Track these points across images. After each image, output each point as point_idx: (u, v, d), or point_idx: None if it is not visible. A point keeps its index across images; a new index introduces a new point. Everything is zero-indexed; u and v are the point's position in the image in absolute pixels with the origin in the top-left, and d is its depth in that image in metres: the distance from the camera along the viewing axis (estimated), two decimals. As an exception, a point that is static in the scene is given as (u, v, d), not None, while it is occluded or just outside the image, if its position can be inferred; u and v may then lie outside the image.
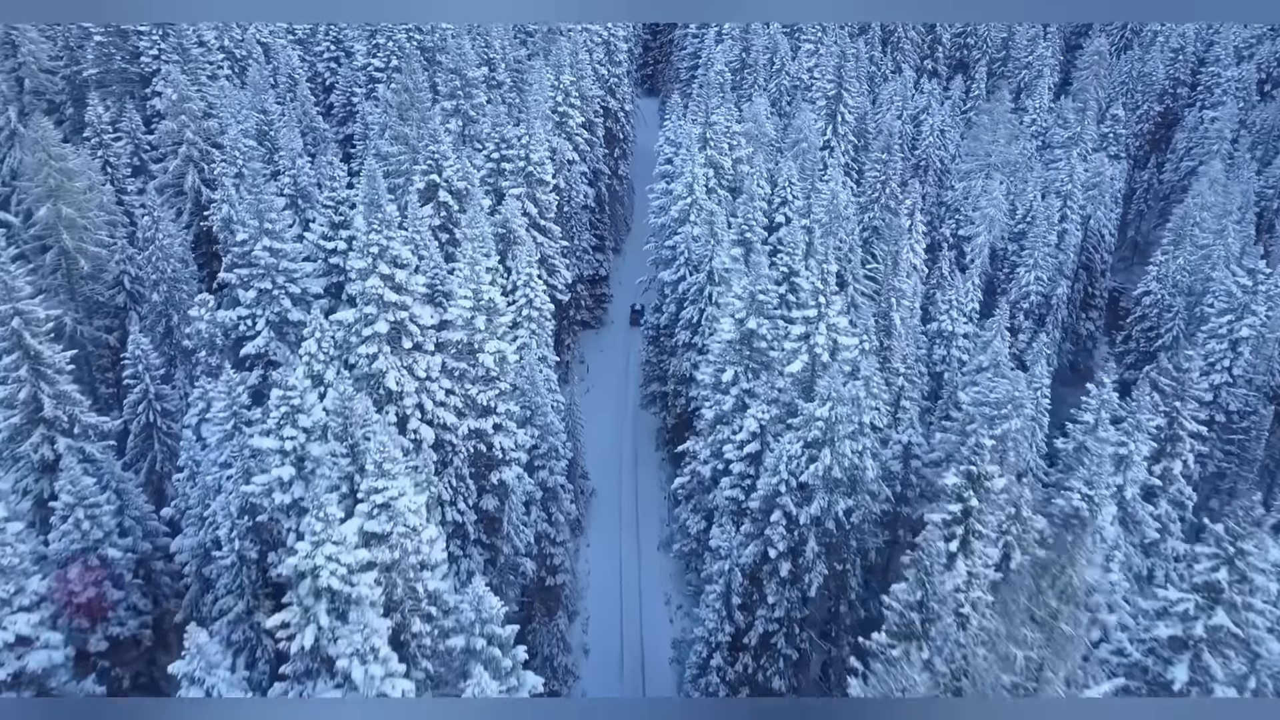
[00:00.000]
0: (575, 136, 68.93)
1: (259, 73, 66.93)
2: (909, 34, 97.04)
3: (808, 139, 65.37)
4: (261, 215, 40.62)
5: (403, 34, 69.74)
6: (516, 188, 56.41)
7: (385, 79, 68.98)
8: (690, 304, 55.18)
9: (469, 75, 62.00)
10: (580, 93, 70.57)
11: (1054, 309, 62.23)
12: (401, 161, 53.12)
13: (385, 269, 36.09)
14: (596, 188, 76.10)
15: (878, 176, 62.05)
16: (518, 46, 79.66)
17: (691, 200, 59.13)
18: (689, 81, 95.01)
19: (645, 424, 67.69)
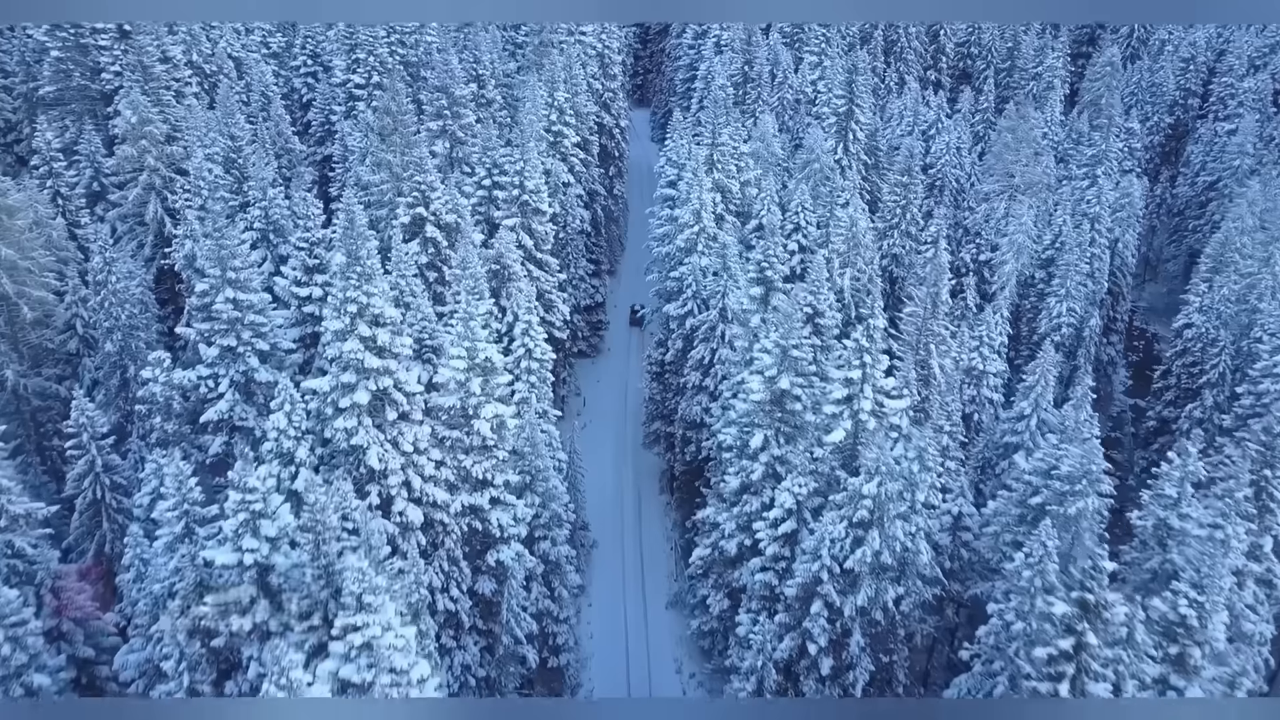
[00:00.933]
0: (570, 157, 63.57)
1: (229, 90, 61.12)
2: (912, 44, 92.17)
3: (819, 159, 60.22)
4: (224, 263, 35.03)
5: (384, 48, 64.12)
6: (510, 218, 51.01)
7: (366, 96, 63.35)
8: (701, 343, 49.91)
9: (456, 93, 56.51)
10: (575, 109, 65.21)
11: (1085, 342, 57.36)
12: (384, 191, 47.59)
13: (365, 330, 30.63)
14: (592, 209, 70.74)
15: (898, 200, 56.98)
16: (506, 59, 74.26)
17: (699, 228, 53.88)
18: (685, 94, 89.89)
19: (647, 463, 62.39)
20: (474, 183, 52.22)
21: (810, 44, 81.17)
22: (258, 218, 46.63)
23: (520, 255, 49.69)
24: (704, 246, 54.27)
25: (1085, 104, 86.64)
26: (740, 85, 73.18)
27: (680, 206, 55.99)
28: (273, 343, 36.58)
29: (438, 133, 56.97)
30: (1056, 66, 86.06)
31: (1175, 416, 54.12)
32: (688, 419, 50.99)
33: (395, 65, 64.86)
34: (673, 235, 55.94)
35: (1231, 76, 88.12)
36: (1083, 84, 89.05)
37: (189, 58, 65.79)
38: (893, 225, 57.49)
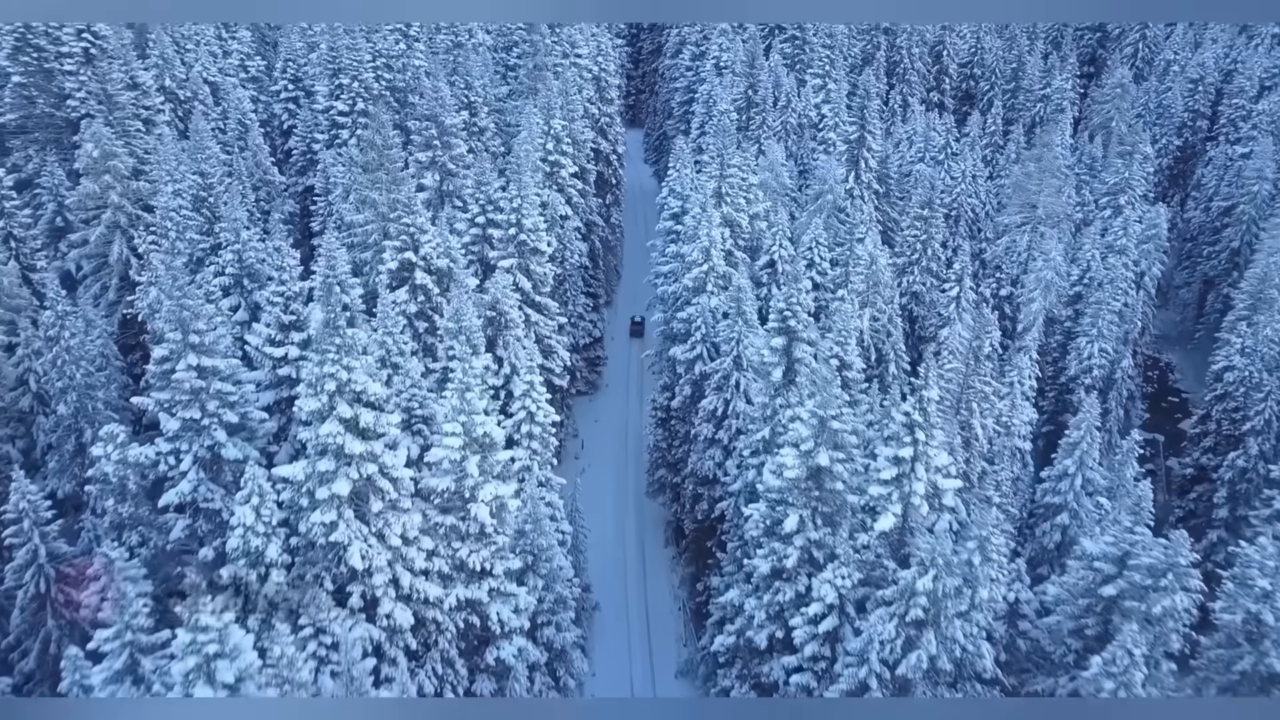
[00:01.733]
0: (568, 188, 59.22)
1: (203, 118, 56.51)
2: (915, 65, 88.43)
3: (832, 190, 56.15)
4: (186, 325, 30.40)
5: (370, 73, 59.63)
6: (507, 258, 46.58)
7: (350, 124, 58.86)
8: (714, 392, 45.53)
9: (446, 122, 52.09)
10: (572, 136, 60.89)
11: (1117, 384, 53.39)
12: (369, 232, 43.07)
13: (345, 410, 26.11)
14: (589, 241, 66.43)
15: (917, 235, 52.89)
16: (498, 83, 69.91)
17: (708, 267, 49.60)
18: (683, 117, 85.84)
19: (651, 512, 57.91)
20: (467, 220, 47.79)
21: (814, 66, 77.19)
22: (230, 262, 42.03)
23: (517, 299, 45.25)
24: (714, 286, 50.02)
25: (1095, 126, 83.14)
26: (743, 110, 69.07)
27: (687, 243, 51.73)
28: (242, 413, 31.94)
29: (427, 164, 52.54)
30: (1065, 88, 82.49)
31: (1215, 465, 50.16)
32: (699, 474, 46.59)
33: (381, 91, 60.46)
34: (679, 274, 51.65)
35: (1242, 98, 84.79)
36: (1091, 106, 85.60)
37: (161, 83, 61.17)
38: (912, 261, 53.41)
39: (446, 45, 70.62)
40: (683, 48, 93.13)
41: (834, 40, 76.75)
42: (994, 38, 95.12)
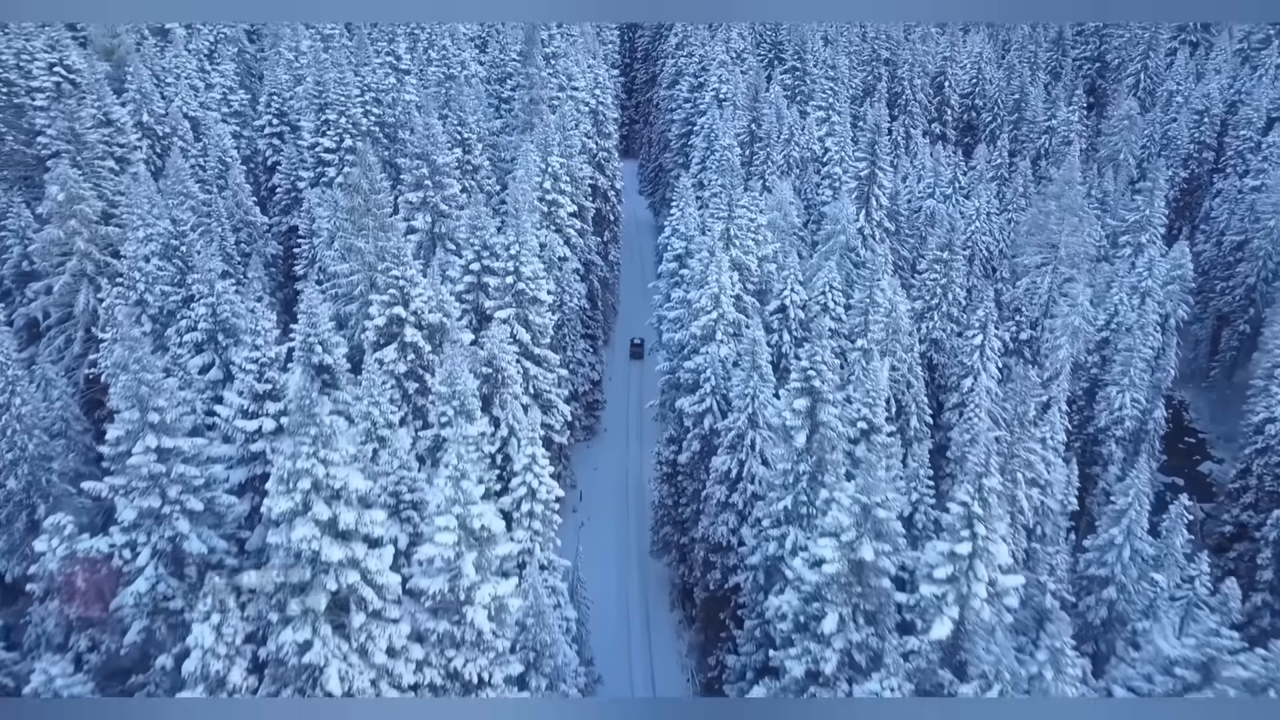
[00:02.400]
0: (566, 228, 55.59)
1: (181, 157, 52.73)
2: (917, 96, 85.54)
3: (845, 230, 52.72)
4: (145, 402, 26.45)
5: (358, 108, 55.96)
6: (504, 308, 42.79)
7: (337, 161, 55.13)
8: (727, 452, 41.71)
9: (438, 161, 48.47)
10: (570, 174, 57.34)
11: (1149, 435, 49.91)
12: (354, 284, 39.26)
13: (322, 511, 22.18)
14: (588, 281, 62.74)
15: (937, 278, 49.41)
16: (491, 116, 66.46)
17: (718, 315, 45.92)
18: (682, 150, 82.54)
19: (655, 572, 53.93)
20: (461, 266, 44.03)
21: (816, 97, 74.08)
22: (203, 316, 38.07)
23: (515, 352, 41.45)
24: (724, 334, 46.35)
25: (1103, 159, 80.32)
26: (746, 144, 65.75)
27: (694, 288, 48.07)
28: (209, 498, 27.95)
29: (418, 205, 48.89)
30: (1073, 120, 79.60)
31: (1258, 523, 46.60)
32: (711, 540, 42.67)
33: (370, 128, 56.81)
34: (686, 321, 47.96)
35: (1250, 130, 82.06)
36: (1098, 138, 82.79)
37: (138, 119, 57.33)
38: (931, 306, 49.91)
39: (438, 78, 67.21)
40: (679, 78, 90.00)
41: (836, 72, 73.67)
42: (994, 68, 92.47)
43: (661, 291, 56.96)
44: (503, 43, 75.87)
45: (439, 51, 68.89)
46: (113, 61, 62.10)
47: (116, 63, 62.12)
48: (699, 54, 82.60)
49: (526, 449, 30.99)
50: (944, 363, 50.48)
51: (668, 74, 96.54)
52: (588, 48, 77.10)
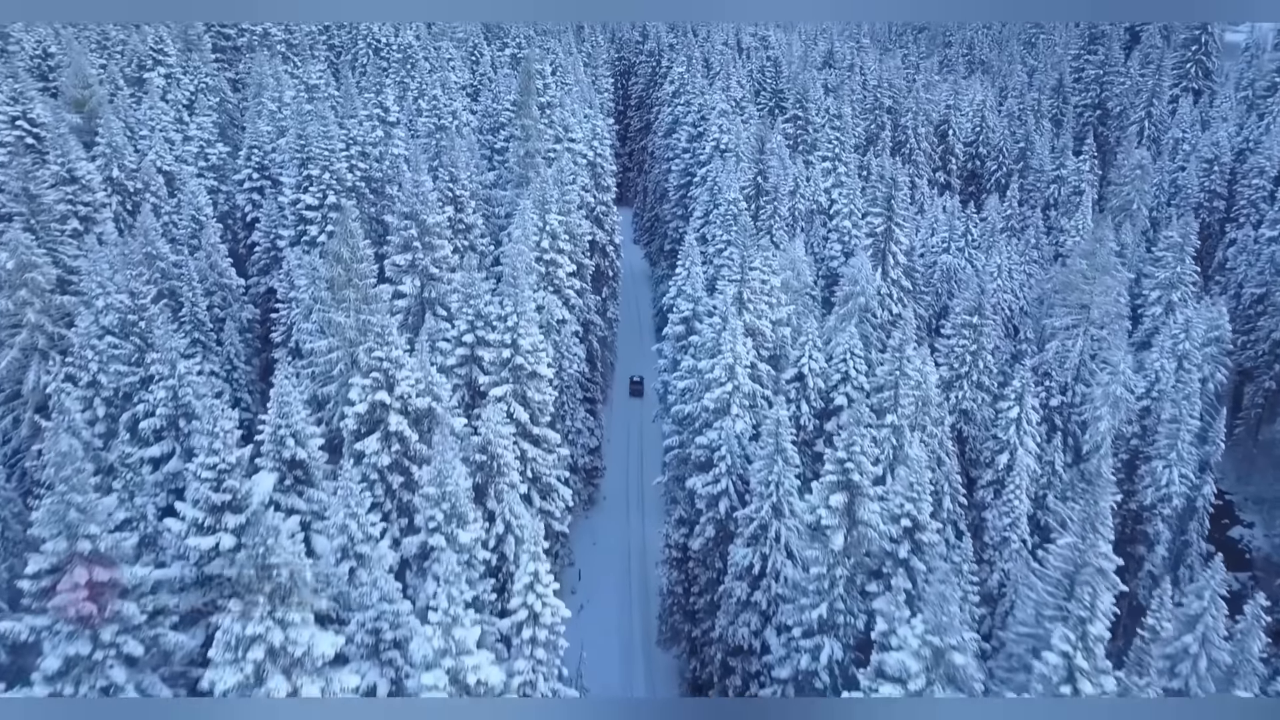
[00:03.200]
0: (565, 289, 51.40)
1: (151, 216, 48.48)
2: (921, 144, 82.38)
3: (864, 291, 48.71)
4: (74, 529, 21.79)
5: (343, 162, 51.84)
6: (500, 384, 38.32)
7: (320, 219, 50.90)
8: (749, 545, 37.14)
9: (429, 221, 44.31)
10: (569, 231, 53.30)
11: (1199, 513, 45.68)
12: (333, 363, 34.77)
13: (280, 684, 17.48)
14: (587, 342, 58.49)
15: (966, 344, 45.32)
16: (485, 169, 62.64)
17: (734, 387, 41.61)
18: (681, 201, 78.93)
19: (662, 664, 48.93)
20: (453, 338, 39.65)
21: (821, 147, 70.71)
22: (163, 400, 33.56)
23: (512, 432, 36.91)
24: (739, 408, 42.01)
25: (1114, 210, 76.91)
26: (752, 198, 62.00)
27: (705, 356, 43.79)
28: (152, 636, 23.17)
29: (406, 268, 44.63)
30: (1084, 170, 76.39)
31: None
32: (730, 641, 37.94)
33: (355, 183, 52.70)
34: (698, 392, 43.60)
35: (1264, 179, 79.03)
36: (1109, 188, 79.57)
37: (107, 174, 53.14)
38: (960, 374, 45.77)
39: (428, 128, 63.36)
40: (677, 127, 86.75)
41: (841, 121, 70.33)
42: (996, 115, 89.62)
43: (666, 355, 52.72)
44: (495, 91, 72.31)
45: (429, 101, 65.13)
46: (84, 114, 58.06)
47: (88, 115, 58.07)
48: (697, 103, 79.22)
49: (528, 566, 26.34)
50: (974, 435, 46.26)
51: (664, 122, 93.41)
52: (584, 96, 73.62)
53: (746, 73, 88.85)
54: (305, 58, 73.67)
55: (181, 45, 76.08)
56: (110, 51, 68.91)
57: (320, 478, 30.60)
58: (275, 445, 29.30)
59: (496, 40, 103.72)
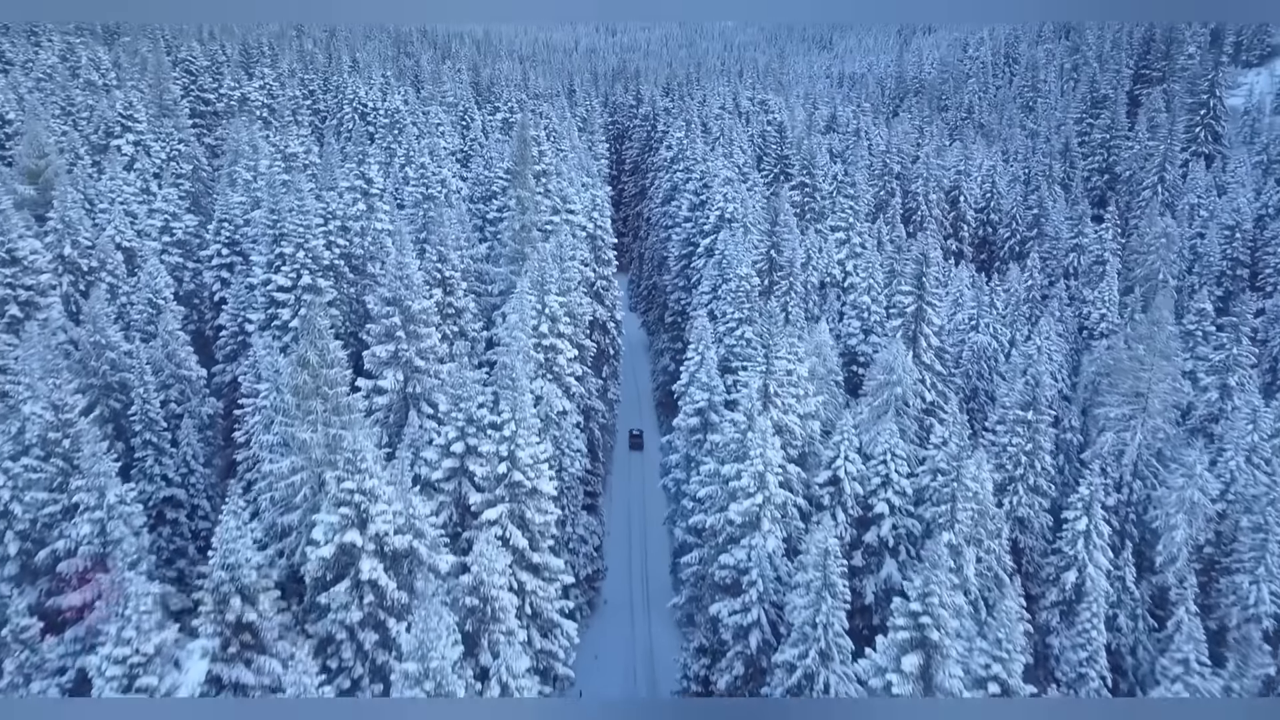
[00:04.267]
0: (566, 377, 45.63)
1: (103, 300, 42.64)
2: (932, 211, 77.93)
3: (900, 381, 43.16)
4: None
5: (320, 238, 46.27)
6: (496, 504, 32.26)
7: (291, 302, 45.13)
8: (791, 694, 30.84)
9: (414, 308, 38.66)
10: (570, 311, 47.77)
11: (1291, 633, 39.71)
12: (295, 488, 28.69)
13: None
14: (588, 430, 52.63)
15: (1020, 444, 39.69)
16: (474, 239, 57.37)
17: (764, 498, 35.68)
18: (683, 272, 73.76)
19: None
20: (440, 447, 33.66)
21: (834, 215, 65.93)
22: (87, 536, 27.34)
23: (509, 561, 30.77)
24: (771, 521, 36.06)
25: (1138, 280, 72.31)
26: (765, 272, 56.81)
27: (729, 458, 37.91)
28: None
29: (388, 360, 38.80)
30: (1106, 238, 71.87)
31: None
32: (770, 810, 31.40)
33: (334, 261, 47.11)
34: (721, 501, 37.66)
35: (1290, 247, 74.85)
36: (1132, 257, 75.06)
37: (59, 251, 47.41)
38: (1014, 477, 40.05)
39: (415, 198, 58.13)
40: (676, 194, 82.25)
41: (855, 189, 65.69)
42: (1005, 180, 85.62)
43: (679, 450, 46.83)
44: (487, 157, 67.46)
45: (417, 169, 60.02)
46: (38, 185, 52.52)
47: (42, 186, 52.55)
48: (699, 170, 74.62)
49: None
50: (1031, 546, 40.40)
51: (662, 188, 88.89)
52: (581, 164, 68.85)
53: (748, 137, 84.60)
54: (286, 123, 68.65)
55: (156, 110, 71.07)
56: (75, 118, 63.70)
57: (274, 639, 24.38)
58: (216, 605, 23.16)
59: (487, 104, 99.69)
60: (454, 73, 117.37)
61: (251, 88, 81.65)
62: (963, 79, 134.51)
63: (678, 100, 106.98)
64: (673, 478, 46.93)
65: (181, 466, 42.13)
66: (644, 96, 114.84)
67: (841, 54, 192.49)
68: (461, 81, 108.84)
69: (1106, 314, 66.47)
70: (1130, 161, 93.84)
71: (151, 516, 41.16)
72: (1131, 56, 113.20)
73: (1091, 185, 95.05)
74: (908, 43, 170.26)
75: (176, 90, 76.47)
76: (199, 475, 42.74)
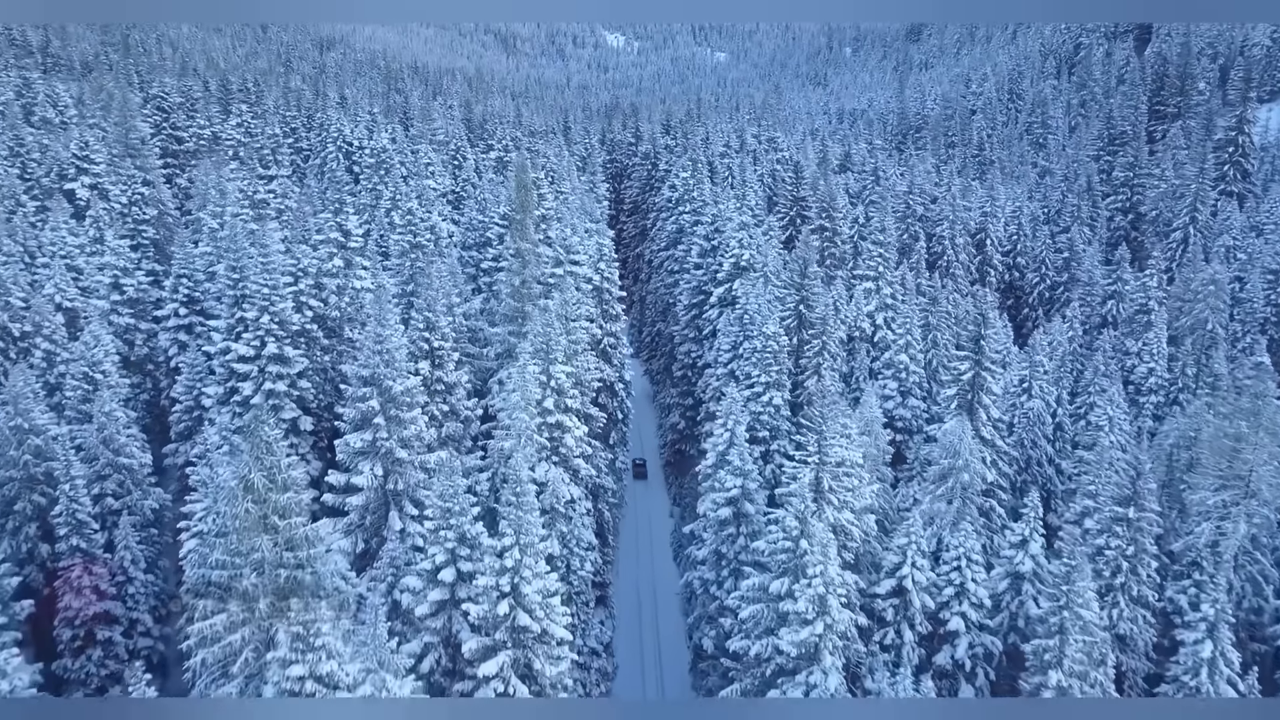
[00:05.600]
0: (574, 459, 38.52)
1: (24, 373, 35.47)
2: (959, 255, 71.65)
3: (968, 466, 36.28)
4: None
5: (289, 299, 39.19)
6: (496, 652, 25.00)
7: (255, 374, 37.94)
8: None
9: (395, 389, 31.66)
10: (577, 380, 40.83)
11: None
12: (235, 650, 21.41)
13: None
14: (597, 512, 45.48)
15: (1120, 548, 32.78)
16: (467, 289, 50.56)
17: (826, 626, 28.56)
18: (691, 323, 66.92)
19: None
20: (426, 573, 26.47)
21: (859, 264, 59.37)
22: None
23: None
24: (832, 653, 28.92)
25: (1184, 330, 65.93)
26: (794, 330, 50.03)
27: (777, 570, 30.80)
28: None
29: (363, 450, 31.72)
30: (1151, 285, 65.58)
31: None
32: None
33: (305, 325, 40.05)
34: (768, 621, 30.51)
35: (1342, 292, 68.79)
36: (1177, 305, 68.77)
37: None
38: (1113, 585, 33.12)
39: (402, 248, 51.28)
40: (682, 237, 75.75)
41: (884, 235, 59.27)
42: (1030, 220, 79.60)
43: (703, 541, 39.64)
44: (481, 199, 60.85)
45: (404, 215, 53.26)
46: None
47: (-23, 238, 45.49)
48: (709, 213, 68.11)
49: None
50: (1134, 669, 33.35)
51: (666, 231, 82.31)
52: (584, 208, 62.23)
53: (757, 177, 78.25)
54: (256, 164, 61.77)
55: (121, 150, 64.19)
56: (24, 159, 56.66)
57: None
58: None
59: (481, 142, 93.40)
60: (446, 109, 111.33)
61: (229, 125, 74.95)
62: (967, 115, 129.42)
63: (680, 138, 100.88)
64: (699, 576, 39.70)
65: (119, 575, 34.89)
66: (643, 134, 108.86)
67: (837, 90, 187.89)
68: (453, 118, 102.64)
69: (1155, 369, 60.08)
70: (1156, 200, 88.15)
71: (79, 637, 33.91)
72: (1144, 91, 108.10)
73: (1115, 225, 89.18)
74: (904, 79, 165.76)
75: (145, 128, 69.74)
76: (140, 584, 35.46)
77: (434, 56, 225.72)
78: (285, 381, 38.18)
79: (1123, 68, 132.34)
